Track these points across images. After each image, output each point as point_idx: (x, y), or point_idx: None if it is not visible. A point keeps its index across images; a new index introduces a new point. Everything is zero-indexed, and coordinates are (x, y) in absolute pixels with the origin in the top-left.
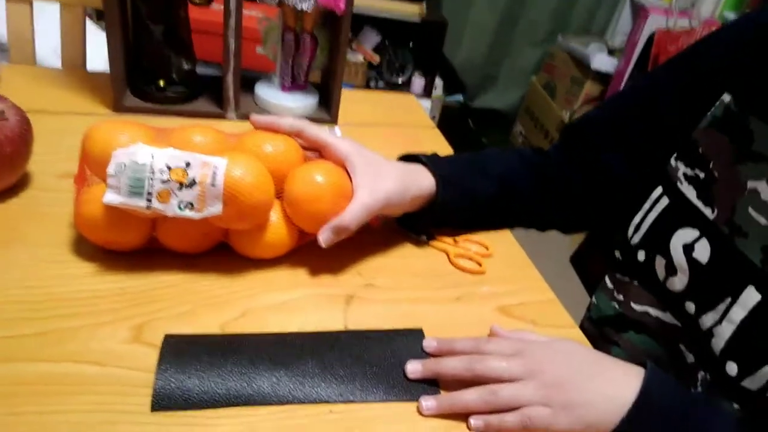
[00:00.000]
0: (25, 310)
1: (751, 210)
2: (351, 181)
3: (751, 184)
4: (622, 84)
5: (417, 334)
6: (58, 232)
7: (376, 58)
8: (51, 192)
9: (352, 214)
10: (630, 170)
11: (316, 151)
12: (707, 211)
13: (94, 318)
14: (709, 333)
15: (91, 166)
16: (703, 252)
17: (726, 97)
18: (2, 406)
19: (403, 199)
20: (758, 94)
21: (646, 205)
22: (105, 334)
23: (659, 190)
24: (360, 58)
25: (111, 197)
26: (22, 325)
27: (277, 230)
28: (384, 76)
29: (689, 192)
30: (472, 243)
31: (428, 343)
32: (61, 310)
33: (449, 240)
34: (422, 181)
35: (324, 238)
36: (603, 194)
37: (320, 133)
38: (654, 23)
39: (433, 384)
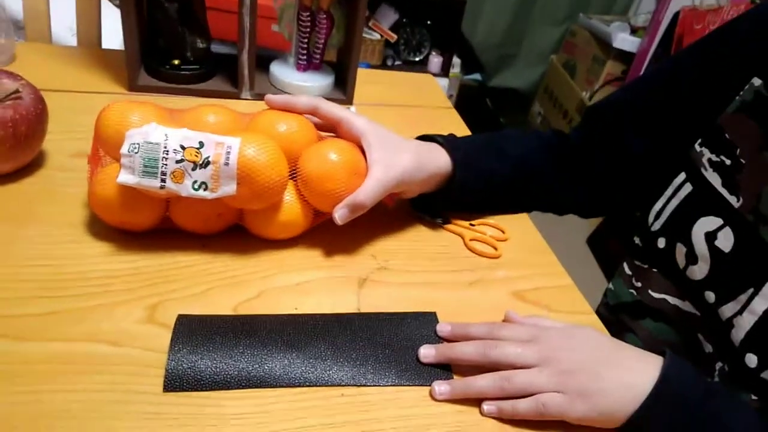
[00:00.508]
0: (37, 289)
1: None
2: (366, 157)
3: None
4: (645, 64)
5: (430, 318)
6: (72, 212)
7: (393, 37)
8: (65, 171)
9: (367, 191)
10: (652, 154)
11: (331, 129)
12: (732, 200)
13: (108, 298)
14: (729, 323)
15: (105, 146)
16: (726, 241)
17: (756, 81)
18: (14, 385)
19: (419, 176)
20: None
21: (668, 192)
22: (119, 314)
23: (682, 176)
24: (377, 36)
25: (125, 177)
26: (35, 304)
27: (291, 210)
28: (401, 55)
29: (714, 179)
30: (488, 227)
31: (442, 328)
32: (74, 289)
33: (464, 223)
34: (439, 159)
35: (340, 215)
36: (624, 177)
37: (336, 109)
38: (679, 1)
39: (446, 369)
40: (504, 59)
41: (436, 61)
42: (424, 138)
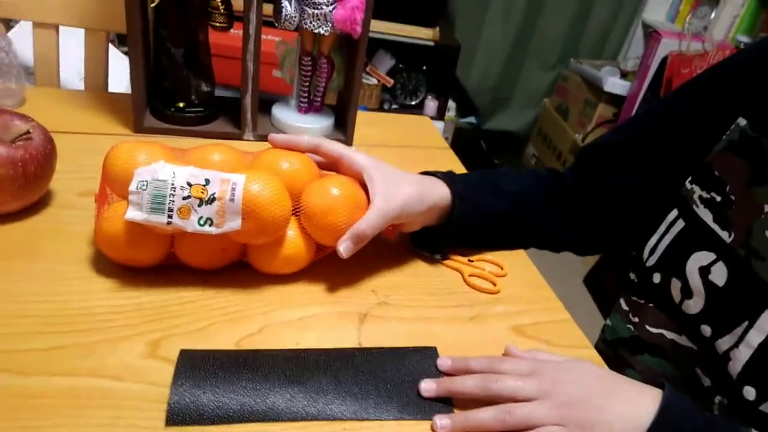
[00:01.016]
0: (42, 324)
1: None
2: (368, 191)
3: (767, 207)
4: (636, 106)
5: (431, 353)
6: (78, 249)
7: (390, 81)
8: (72, 209)
9: (368, 221)
10: (643, 191)
11: (333, 167)
12: (724, 234)
13: (111, 333)
14: (726, 356)
15: (112, 185)
16: (719, 275)
17: (741, 121)
18: (17, 420)
19: (420, 208)
20: None
21: (662, 228)
22: (122, 349)
23: (675, 212)
24: (374, 80)
25: (133, 214)
26: (39, 339)
27: (294, 244)
28: (398, 99)
29: (705, 215)
30: (486, 263)
31: (442, 362)
32: (78, 325)
33: (463, 259)
34: (439, 192)
35: (344, 247)
36: (616, 215)
37: (336, 146)
38: (667, 47)
39: (447, 403)
40: (498, 103)
41: (431, 104)
42: (423, 173)
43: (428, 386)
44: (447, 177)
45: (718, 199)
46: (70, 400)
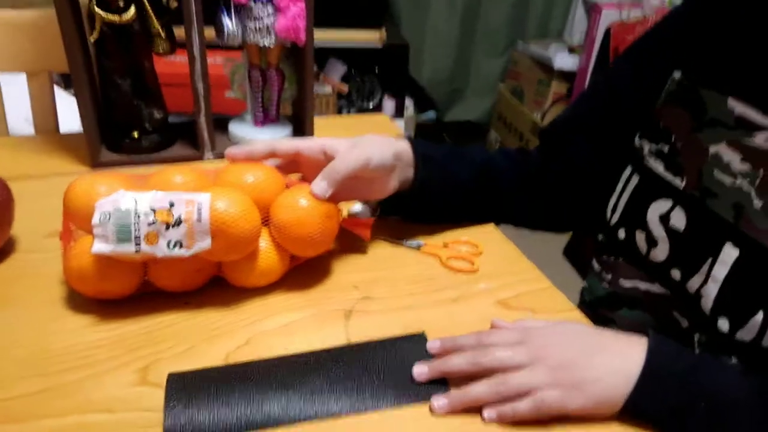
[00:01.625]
0: (24, 369)
1: (716, 172)
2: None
3: (712, 148)
4: (587, 79)
5: (420, 338)
6: (50, 290)
7: (344, 88)
8: (38, 253)
9: (341, 160)
10: (600, 158)
11: (295, 165)
12: (677, 181)
13: (96, 367)
14: (698, 295)
15: (75, 220)
16: (679, 219)
17: (677, 74)
18: None
19: (387, 153)
20: (704, 66)
21: (619, 186)
22: (109, 382)
23: (629, 169)
24: (329, 89)
25: (99, 247)
26: (24, 384)
27: (267, 257)
28: (355, 104)
29: (657, 166)
30: (462, 244)
31: (432, 345)
32: (61, 365)
33: (439, 244)
34: (402, 143)
35: (319, 189)
36: (578, 188)
37: (291, 142)
38: (608, 18)
39: (442, 383)
40: (454, 94)
41: (389, 104)
42: None
43: (421, 370)
44: (413, 141)
45: (666, 148)
46: None
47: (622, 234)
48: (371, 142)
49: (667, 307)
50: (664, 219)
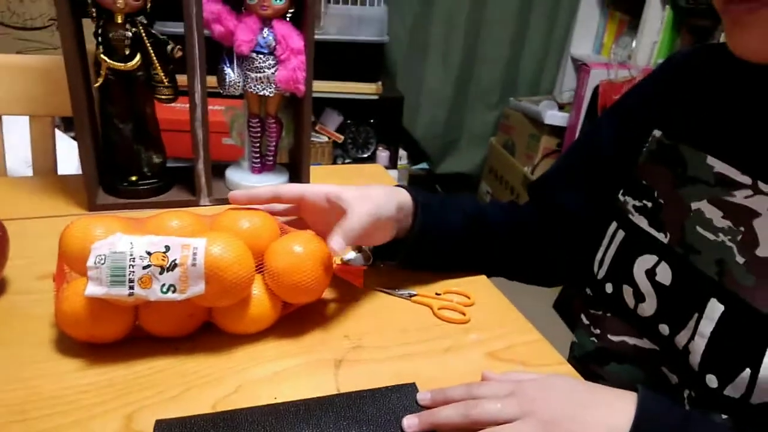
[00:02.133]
0: (12, 413)
1: (699, 228)
2: (342, 208)
3: (694, 205)
4: (576, 135)
5: (410, 389)
6: (42, 332)
7: (340, 137)
8: (30, 294)
9: (354, 219)
10: (587, 211)
11: (296, 210)
12: (660, 236)
13: (83, 413)
14: (686, 350)
15: (70, 262)
16: (664, 275)
17: (657, 132)
18: None
19: (391, 206)
20: (683, 124)
21: (605, 241)
22: (95, 428)
23: (614, 225)
24: (324, 138)
25: (93, 289)
26: (11, 429)
27: (260, 304)
28: (350, 153)
29: (641, 222)
30: (453, 294)
31: (422, 396)
32: (48, 409)
33: (431, 294)
34: (403, 194)
35: (337, 244)
36: (568, 240)
37: (294, 187)
38: (596, 76)
39: None
40: (447, 147)
41: (383, 155)
42: None
43: (411, 422)
44: (411, 189)
45: (649, 205)
46: None
47: (609, 288)
48: (377, 194)
49: (656, 363)
50: (650, 274)
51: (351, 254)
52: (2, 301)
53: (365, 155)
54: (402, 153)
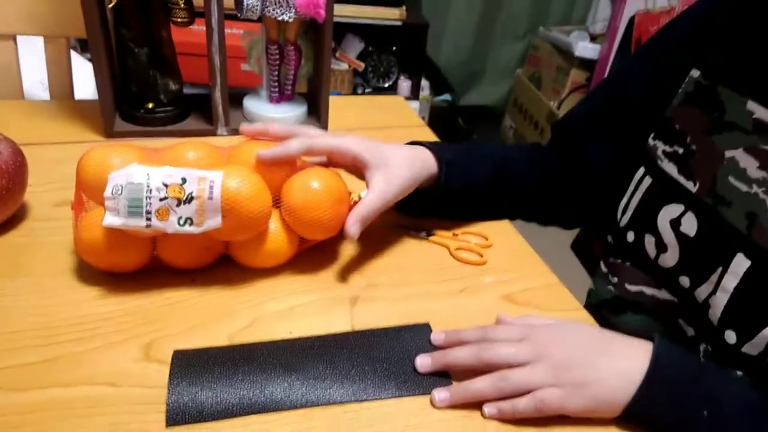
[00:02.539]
0: (32, 338)
1: (731, 179)
2: (364, 176)
3: (728, 153)
4: (607, 69)
5: (424, 329)
6: (60, 260)
7: (360, 65)
8: (50, 221)
9: (371, 205)
10: (614, 158)
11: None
12: (689, 185)
13: (103, 340)
14: (706, 304)
15: (87, 191)
16: (690, 225)
17: (695, 73)
18: None
19: (412, 187)
20: (724, 65)
21: (631, 187)
22: (115, 356)
23: (641, 170)
24: (345, 66)
25: (111, 220)
26: (31, 353)
27: (276, 239)
28: (370, 82)
29: (670, 168)
30: (471, 235)
31: (436, 336)
32: (68, 335)
33: (448, 234)
34: (430, 168)
35: (353, 232)
36: (591, 185)
37: (326, 141)
38: (633, 6)
39: (444, 376)
40: (471, 78)
41: (405, 85)
42: (411, 143)
43: (424, 361)
44: (435, 147)
45: (681, 151)
46: (68, 411)
47: (630, 237)
48: (402, 174)
49: (674, 315)
50: (675, 224)
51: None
52: (22, 228)
53: (386, 85)
54: (424, 83)
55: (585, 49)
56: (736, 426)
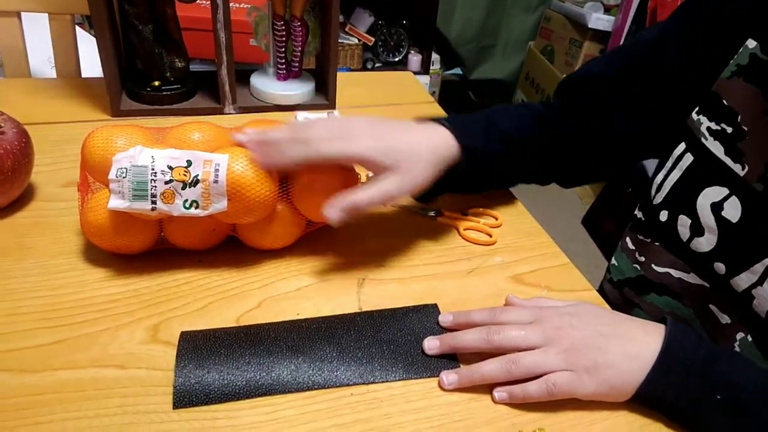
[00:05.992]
0: (39, 320)
1: None
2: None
3: None
4: (621, 41)
5: (432, 310)
6: (67, 241)
7: (370, 39)
8: (56, 201)
9: (369, 196)
10: (632, 125)
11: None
12: (736, 168)
13: (110, 322)
14: (748, 295)
15: (93, 173)
16: (733, 211)
17: (751, 43)
18: (25, 417)
19: (430, 182)
20: None
21: (669, 163)
22: (122, 337)
23: (682, 146)
24: (354, 40)
25: (115, 203)
26: (39, 335)
27: (283, 221)
28: (380, 57)
29: (716, 148)
30: (481, 215)
31: (444, 318)
32: (76, 317)
33: (457, 214)
34: (450, 156)
35: (334, 217)
36: (601, 148)
37: (328, 151)
38: None
39: (452, 358)
40: (482, 51)
41: (415, 59)
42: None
43: (432, 344)
44: (456, 128)
45: (729, 130)
46: (76, 393)
47: (663, 216)
48: (417, 165)
49: (703, 299)
50: (716, 207)
51: None
52: (29, 209)
53: (396, 59)
54: (435, 57)
55: (599, 20)
56: (749, 410)
